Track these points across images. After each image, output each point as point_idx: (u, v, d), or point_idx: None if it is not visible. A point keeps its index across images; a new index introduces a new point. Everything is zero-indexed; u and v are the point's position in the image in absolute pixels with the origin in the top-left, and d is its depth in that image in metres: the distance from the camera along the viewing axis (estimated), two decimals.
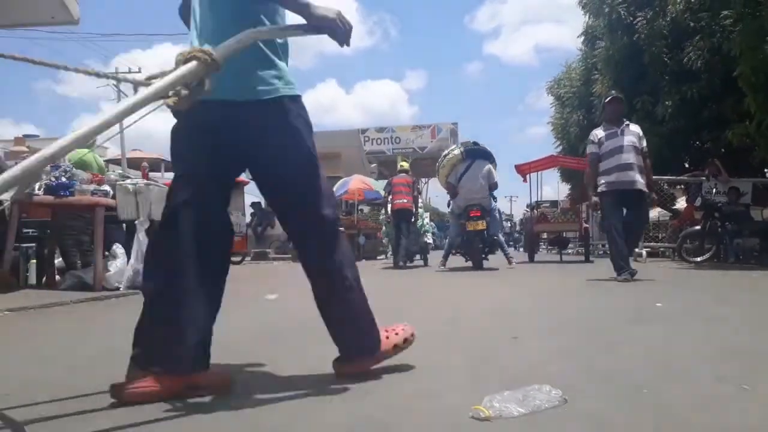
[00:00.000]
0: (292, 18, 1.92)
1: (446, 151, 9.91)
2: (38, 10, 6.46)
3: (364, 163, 24.90)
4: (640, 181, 5.96)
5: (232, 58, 1.72)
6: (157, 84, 1.57)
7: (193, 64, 1.62)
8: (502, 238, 10.13)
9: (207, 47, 1.68)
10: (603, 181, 6.08)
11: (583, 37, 16.57)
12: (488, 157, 9.22)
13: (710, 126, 12.33)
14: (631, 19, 12.92)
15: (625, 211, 6.12)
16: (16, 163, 5.16)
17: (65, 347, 2.85)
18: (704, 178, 10.28)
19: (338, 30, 1.84)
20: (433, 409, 1.63)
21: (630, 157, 5.98)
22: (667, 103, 12.26)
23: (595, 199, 6.14)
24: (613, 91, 6.68)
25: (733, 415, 1.54)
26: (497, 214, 10.43)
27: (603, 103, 6.55)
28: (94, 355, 2.60)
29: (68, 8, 6.29)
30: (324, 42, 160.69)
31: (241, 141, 1.87)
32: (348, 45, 1.87)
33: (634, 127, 6.22)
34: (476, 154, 9.15)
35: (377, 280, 7.01)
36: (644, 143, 6.17)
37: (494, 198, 9.22)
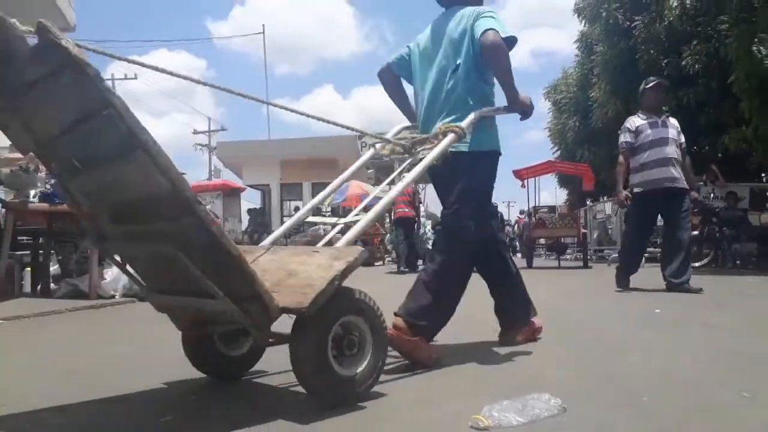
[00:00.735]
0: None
1: None
2: (34, 17, 6.45)
3: (361, 168, 24.95)
4: (681, 178, 5.18)
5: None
6: (433, 153, 2.33)
7: (451, 136, 2.37)
8: None
9: (457, 123, 2.40)
10: (637, 180, 5.31)
11: (578, 44, 16.61)
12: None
13: (707, 131, 12.34)
14: (628, 23, 12.95)
15: (659, 216, 5.46)
16: (11, 171, 5.11)
17: (60, 356, 2.82)
18: (702, 183, 10.30)
19: (529, 112, 2.59)
20: (431, 417, 1.62)
21: (672, 152, 5.20)
22: (663, 108, 12.28)
23: (625, 192, 5.31)
24: (652, 78, 5.69)
25: (734, 423, 1.53)
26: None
27: (643, 89, 5.57)
28: (89, 364, 2.57)
29: (64, 15, 6.29)
30: (320, 47, 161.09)
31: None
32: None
33: (673, 120, 5.50)
34: None
35: (382, 285, 7.05)
36: (683, 138, 5.42)
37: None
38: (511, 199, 56.00)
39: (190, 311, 1.91)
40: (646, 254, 10.68)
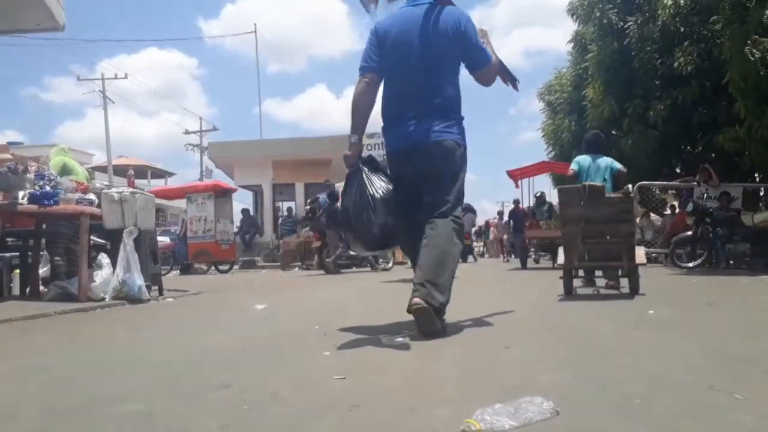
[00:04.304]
0: None
1: None
2: (24, 17, 6.41)
3: None
4: None
5: None
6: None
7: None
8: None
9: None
10: None
11: (572, 44, 16.63)
12: (472, 210, 18.69)
13: (701, 131, 12.38)
14: (622, 24, 12.98)
15: None
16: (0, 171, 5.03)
17: (48, 360, 2.77)
18: (695, 183, 10.32)
19: None
20: (423, 422, 1.59)
21: None
22: (659, 107, 12.29)
23: None
24: None
25: (726, 425, 1.51)
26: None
27: None
28: (76, 368, 2.53)
29: (53, 15, 6.24)
30: (313, 46, 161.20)
31: None
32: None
33: None
34: (467, 209, 16.78)
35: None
36: None
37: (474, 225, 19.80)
38: (505, 199, 55.86)
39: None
40: None
